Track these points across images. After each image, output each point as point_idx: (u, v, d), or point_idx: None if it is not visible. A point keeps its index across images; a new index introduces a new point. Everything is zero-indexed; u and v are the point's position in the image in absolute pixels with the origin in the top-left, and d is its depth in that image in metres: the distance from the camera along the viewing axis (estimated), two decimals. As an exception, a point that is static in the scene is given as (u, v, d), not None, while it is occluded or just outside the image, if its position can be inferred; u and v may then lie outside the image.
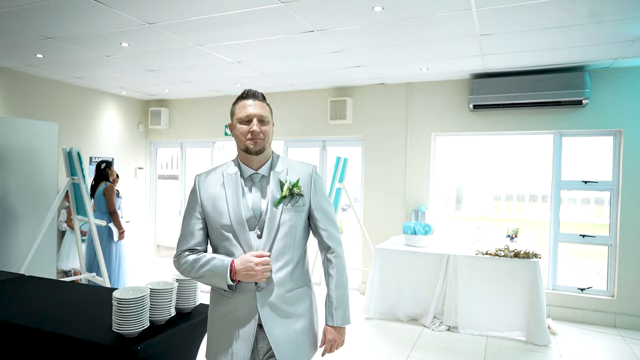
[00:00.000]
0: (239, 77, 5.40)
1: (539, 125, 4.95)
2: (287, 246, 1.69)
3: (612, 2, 2.91)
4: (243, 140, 1.66)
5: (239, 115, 1.67)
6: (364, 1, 2.99)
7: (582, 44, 3.87)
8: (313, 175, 1.76)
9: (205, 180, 1.75)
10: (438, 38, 3.77)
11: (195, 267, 1.67)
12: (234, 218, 1.66)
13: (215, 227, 1.70)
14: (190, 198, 1.76)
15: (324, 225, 1.76)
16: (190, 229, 1.73)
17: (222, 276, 1.62)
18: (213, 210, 1.70)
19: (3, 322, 2.31)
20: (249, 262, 1.60)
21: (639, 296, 4.53)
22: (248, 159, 1.70)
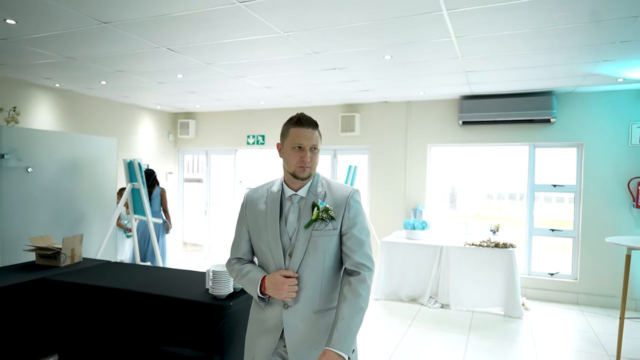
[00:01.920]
0: (265, 97, 6.35)
1: (517, 138, 5.96)
2: (316, 268, 1.71)
3: (566, 52, 3.89)
4: (292, 165, 1.70)
5: (292, 142, 1.69)
6: (377, 52, 3.97)
7: (549, 77, 4.86)
8: (349, 199, 1.74)
9: (252, 196, 1.84)
10: (433, 73, 4.75)
11: (238, 276, 1.83)
12: (270, 236, 1.73)
13: (255, 241, 1.81)
14: (240, 211, 1.87)
15: (351, 251, 1.72)
16: (238, 240, 1.86)
17: (253, 288, 1.74)
18: (255, 225, 1.79)
19: (120, 290, 3.28)
20: (277, 280, 1.67)
21: (597, 279, 5.53)
22: (291, 181, 1.76)
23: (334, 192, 1.76)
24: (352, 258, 1.71)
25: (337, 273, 1.76)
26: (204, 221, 8.36)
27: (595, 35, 3.39)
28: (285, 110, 7.23)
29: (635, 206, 5.32)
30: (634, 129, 5.36)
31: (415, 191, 6.51)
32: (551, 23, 3.12)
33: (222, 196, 8.49)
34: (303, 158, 1.67)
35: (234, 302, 3.02)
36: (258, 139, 7.62)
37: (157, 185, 5.72)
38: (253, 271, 1.76)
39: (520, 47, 3.73)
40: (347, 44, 3.75)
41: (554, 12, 2.92)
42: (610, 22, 3.12)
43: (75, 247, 4.17)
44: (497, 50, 3.86)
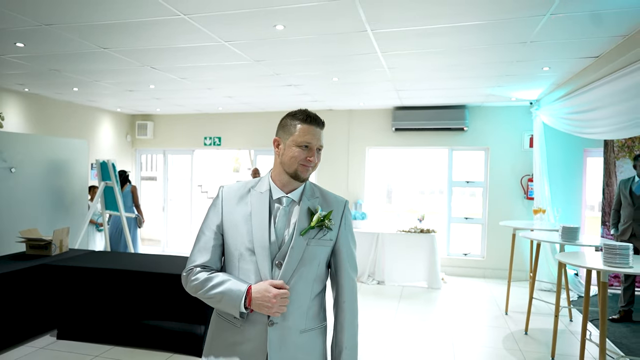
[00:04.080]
0: (224, 104, 7.09)
1: (438, 142, 7.19)
2: (307, 281, 1.51)
3: (472, 79, 5.06)
4: (294, 164, 1.48)
5: (299, 139, 1.48)
6: (327, 75, 4.92)
7: (462, 95, 6.09)
8: (344, 209, 1.60)
9: (231, 194, 1.55)
10: (371, 90, 5.79)
11: (206, 287, 1.45)
12: (258, 241, 1.47)
13: (233, 247, 1.51)
14: (211, 210, 1.55)
15: (345, 265, 1.57)
16: (205, 244, 1.52)
17: (235, 302, 1.42)
18: (234, 228, 1.51)
19: (115, 270, 3.97)
20: (267, 292, 1.41)
21: (499, 257, 6.89)
22: (284, 182, 1.53)
23: (328, 200, 1.59)
24: (344, 273, 1.56)
25: (323, 287, 1.60)
26: (161, 217, 8.89)
27: (490, 70, 4.58)
28: (240, 115, 8.00)
29: (526, 198, 6.74)
30: (525, 137, 6.77)
31: (355, 187, 7.57)
32: (461, 60, 4.24)
33: (179, 193, 9.07)
34: (309, 158, 1.48)
35: (218, 275, 3.83)
36: (215, 141, 8.30)
37: (129, 183, 6.29)
38: (231, 280, 1.45)
39: (438, 74, 4.85)
40: (302, 71, 4.67)
41: (465, 54, 4.03)
42: (501, 64, 4.30)
43: (63, 238, 4.74)
44: (421, 76, 4.96)
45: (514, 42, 3.63)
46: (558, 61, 4.25)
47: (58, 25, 3.37)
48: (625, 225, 4.69)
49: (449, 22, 3.18)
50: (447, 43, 3.68)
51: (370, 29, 3.33)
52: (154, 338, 3.98)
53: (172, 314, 3.92)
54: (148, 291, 3.95)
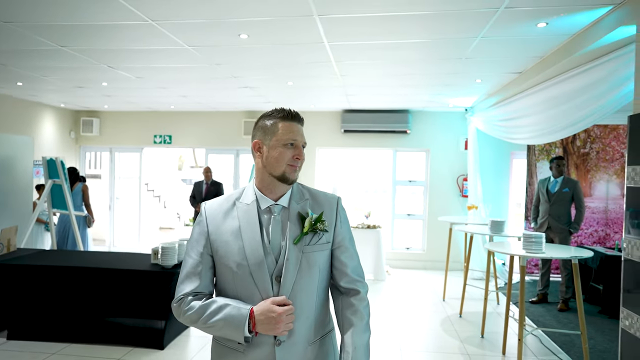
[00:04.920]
0: (177, 102, 7.13)
1: (384, 144, 7.69)
2: (310, 291, 1.41)
3: (414, 87, 5.55)
4: (282, 165, 1.38)
5: (283, 137, 1.38)
6: (283, 79, 5.19)
7: (405, 100, 6.59)
8: (338, 206, 1.51)
9: (214, 210, 1.44)
10: (322, 94, 6.13)
11: (204, 316, 1.35)
12: (251, 257, 1.36)
13: (226, 267, 1.39)
14: (196, 231, 1.44)
15: (347, 265, 1.47)
16: (193, 269, 1.41)
17: (238, 327, 1.32)
18: (224, 247, 1.39)
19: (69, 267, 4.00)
20: (271, 312, 1.31)
21: (438, 250, 7.50)
22: (271, 188, 1.42)
23: (318, 199, 1.49)
24: (347, 274, 1.47)
25: (327, 293, 1.50)
26: (107, 216, 8.69)
27: (431, 80, 5.08)
28: (193, 114, 8.04)
29: (461, 195, 7.41)
30: (461, 140, 7.43)
31: (306, 186, 7.89)
32: (406, 70, 4.67)
33: (126, 192, 8.90)
34: (297, 156, 1.37)
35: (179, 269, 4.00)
36: (165, 139, 8.27)
37: (80, 182, 6.17)
38: (230, 305, 1.34)
39: (385, 82, 5.28)
40: (260, 75, 4.91)
41: (409, 66, 4.46)
42: (440, 75, 4.80)
43: (11, 237, 4.64)
44: (370, 83, 5.37)
45: (452, 57, 4.12)
46: (488, 75, 4.82)
47: (16, 23, 3.37)
48: (543, 219, 5.38)
49: (396, 39, 3.58)
50: (394, 55, 4.09)
51: (327, 41, 3.66)
52: (113, 334, 4.05)
53: (131, 310, 4.01)
54: (104, 288, 4.01)
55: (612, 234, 6.50)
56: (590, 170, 6.63)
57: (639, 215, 2.50)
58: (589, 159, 6.63)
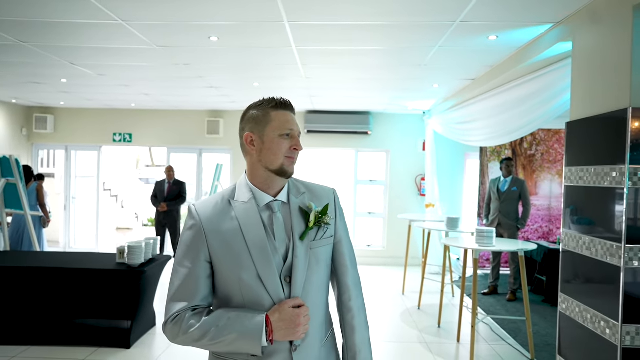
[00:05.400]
0: (139, 100, 7.02)
1: (346, 144, 7.92)
2: (319, 287, 1.33)
3: (375, 90, 5.79)
4: (279, 157, 1.27)
5: (279, 128, 1.27)
6: (249, 80, 5.27)
7: (367, 103, 6.84)
8: (336, 199, 1.43)
9: (209, 212, 1.28)
10: (287, 95, 6.22)
11: (211, 332, 1.19)
12: (258, 259, 1.24)
13: (229, 275, 1.25)
14: (189, 237, 1.28)
15: (347, 260, 1.41)
16: (190, 280, 1.25)
17: (255, 338, 1.18)
18: (227, 252, 1.25)
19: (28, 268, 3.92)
20: (290, 315, 1.21)
21: (397, 246, 7.82)
22: (269, 183, 1.30)
23: (315, 192, 1.41)
24: (347, 268, 1.40)
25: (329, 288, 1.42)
26: (62, 217, 8.40)
27: (391, 84, 5.34)
28: (154, 112, 7.94)
29: (419, 194, 7.76)
30: (419, 141, 7.79)
31: (270, 185, 7.99)
32: (368, 75, 4.89)
33: (83, 192, 8.64)
34: (295, 146, 1.29)
35: (147, 268, 4.02)
36: (125, 137, 8.11)
37: (34, 180, 5.96)
38: (241, 314, 1.21)
39: (348, 85, 5.48)
40: (227, 75, 4.98)
41: (371, 70, 4.67)
42: (400, 80, 5.05)
43: (-36, 239, 4.45)
44: (334, 86, 5.55)
45: (411, 64, 4.37)
46: (445, 80, 5.13)
47: (-23, 18, 3.29)
48: (494, 216, 5.78)
49: (360, 45, 3.77)
50: (357, 61, 4.29)
51: (295, 46, 3.80)
52: (78, 335, 3.99)
53: (96, 310, 3.98)
54: (67, 288, 3.95)
55: (555, 229, 7.05)
56: (535, 170, 7.15)
57: (575, 211, 2.82)
58: (535, 160, 7.15)
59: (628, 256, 2.29)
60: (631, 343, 2.30)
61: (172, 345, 4.07)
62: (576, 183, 2.79)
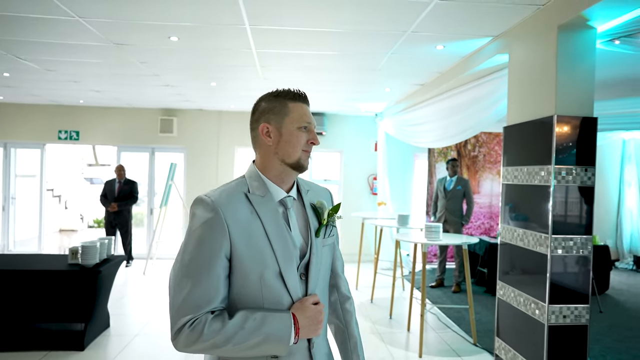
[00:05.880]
0: (87, 97, 6.80)
1: (301, 145, 8.06)
2: (326, 286, 1.35)
3: (330, 92, 5.98)
4: (297, 150, 1.22)
5: (298, 120, 1.23)
6: (207, 80, 5.29)
7: (322, 104, 7.03)
8: (332, 199, 1.41)
9: (229, 204, 1.17)
10: (244, 95, 6.32)
11: (237, 336, 1.10)
12: (282, 257, 1.19)
13: (250, 272, 1.16)
14: (206, 231, 1.14)
15: (340, 260, 1.44)
16: (212, 280, 1.13)
17: (283, 338, 1.13)
18: (250, 248, 1.16)
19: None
20: (313, 312, 1.19)
21: (351, 244, 8.05)
22: (283, 177, 1.25)
23: (317, 191, 1.38)
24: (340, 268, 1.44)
25: None
26: (0, 218, 7.93)
27: (345, 86, 5.56)
28: (104, 109, 7.70)
29: (371, 193, 8.07)
30: (371, 142, 8.09)
31: (225, 184, 7.99)
32: (323, 77, 5.07)
33: (25, 192, 8.20)
34: (313, 140, 1.25)
35: (103, 268, 3.97)
36: (71, 135, 7.80)
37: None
38: (266, 314, 1.15)
39: (305, 87, 5.55)
40: (184, 75, 4.98)
41: (327, 74, 4.84)
42: (354, 84, 5.28)
43: None
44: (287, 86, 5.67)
45: (365, 69, 4.60)
46: (396, 85, 5.42)
47: None
48: (441, 214, 6.15)
49: (317, 50, 3.94)
50: (314, 64, 4.46)
51: (255, 49, 3.90)
52: (28, 339, 3.87)
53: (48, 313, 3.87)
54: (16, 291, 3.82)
55: (495, 225, 7.59)
56: (478, 170, 7.66)
57: (512, 207, 3.15)
58: (478, 161, 7.66)
59: (554, 245, 2.62)
60: (556, 321, 2.63)
61: (128, 346, 4.04)
62: (512, 181, 3.11)
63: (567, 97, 2.65)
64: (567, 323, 2.63)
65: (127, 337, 4.26)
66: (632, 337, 4.47)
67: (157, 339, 4.23)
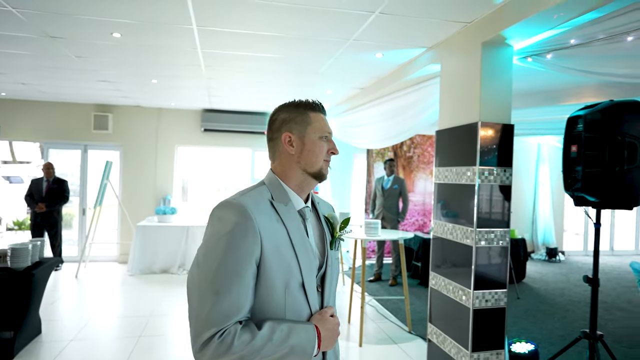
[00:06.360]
0: (10, 90, 6.34)
1: (243, 143, 8.09)
2: (334, 298, 1.33)
3: (271, 94, 6.08)
4: (320, 160, 1.25)
5: (320, 130, 1.25)
6: (148, 77, 5.18)
7: (263, 105, 7.10)
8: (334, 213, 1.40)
9: (259, 210, 1.15)
10: (185, 93, 6.23)
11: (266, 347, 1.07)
12: (305, 268, 1.18)
13: (278, 282, 1.14)
14: (238, 237, 1.10)
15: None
16: (243, 289, 1.10)
17: (307, 351, 1.13)
18: (278, 258, 1.14)
19: None
20: (333, 325, 1.20)
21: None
22: (303, 186, 1.26)
23: (324, 204, 1.40)
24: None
25: None
26: None
27: (288, 88, 5.69)
28: (29, 103, 7.20)
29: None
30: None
31: (164, 183, 7.81)
32: (268, 78, 5.16)
33: None
34: (333, 150, 1.27)
35: (36, 271, 3.79)
36: (-8, 130, 7.22)
37: None
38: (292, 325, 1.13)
39: (248, 87, 5.70)
40: (124, 70, 4.85)
41: (272, 75, 4.94)
42: (298, 85, 5.42)
43: None
44: (234, 87, 5.72)
45: (309, 72, 4.76)
46: (338, 88, 5.64)
47: None
48: (379, 211, 6.48)
49: (262, 53, 4.04)
50: (259, 66, 4.55)
51: (201, 49, 3.92)
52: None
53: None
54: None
55: (428, 222, 8.11)
56: (413, 170, 8.14)
57: (443, 204, 3.45)
58: (412, 161, 8.13)
59: (477, 237, 2.94)
60: (479, 305, 2.95)
61: (62, 352, 3.88)
62: (443, 181, 3.42)
63: (489, 106, 2.98)
64: (489, 307, 2.96)
65: (61, 343, 4.09)
66: (544, 319, 5.04)
67: (93, 345, 4.10)
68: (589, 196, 2.71)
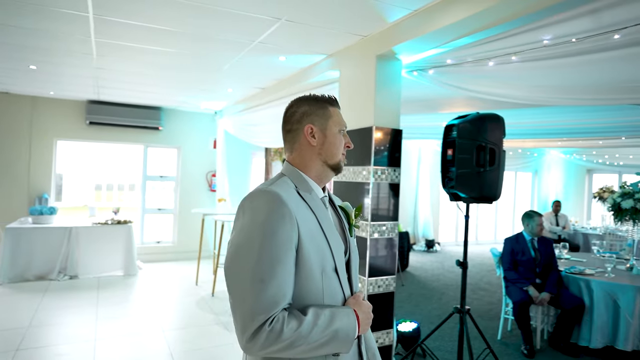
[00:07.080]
0: None
1: (135, 139, 7.64)
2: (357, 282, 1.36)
3: (168, 89, 5.87)
4: (339, 153, 1.30)
5: (338, 124, 1.31)
6: (24, 62, 4.65)
7: (159, 99, 6.80)
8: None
9: (291, 199, 1.19)
10: (68, 81, 5.70)
11: (313, 333, 1.09)
12: (337, 253, 1.23)
13: (315, 266, 1.17)
14: (278, 222, 1.12)
15: None
16: (288, 276, 1.12)
17: (350, 334, 1.15)
18: (313, 244, 1.18)
19: None
20: (369, 308, 1.25)
21: (188, 241, 8.01)
22: (322, 178, 1.31)
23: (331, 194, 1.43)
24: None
25: None
26: None
27: (188, 84, 5.56)
28: None
29: (210, 190, 8.14)
30: (210, 139, 8.16)
31: (41, 180, 7.03)
32: (165, 74, 4.98)
33: None
34: (349, 144, 1.33)
35: None
36: None
37: None
38: (334, 310, 1.15)
39: (142, 80, 5.43)
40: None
41: (170, 70, 4.78)
42: (197, 82, 5.33)
43: None
44: (126, 79, 5.40)
45: (211, 70, 4.74)
46: (239, 87, 5.68)
47: None
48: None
49: (163, 47, 3.93)
50: (157, 60, 4.40)
51: (95, 38, 3.68)
52: None
53: None
54: None
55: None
56: (309, 169, 8.46)
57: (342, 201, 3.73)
58: (309, 161, 8.46)
59: (371, 230, 3.27)
60: (373, 290, 3.29)
61: None
62: (342, 179, 3.71)
63: (382, 112, 3.34)
64: (381, 292, 3.32)
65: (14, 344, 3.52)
66: (424, 302, 5.70)
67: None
68: (461, 192, 3.20)
